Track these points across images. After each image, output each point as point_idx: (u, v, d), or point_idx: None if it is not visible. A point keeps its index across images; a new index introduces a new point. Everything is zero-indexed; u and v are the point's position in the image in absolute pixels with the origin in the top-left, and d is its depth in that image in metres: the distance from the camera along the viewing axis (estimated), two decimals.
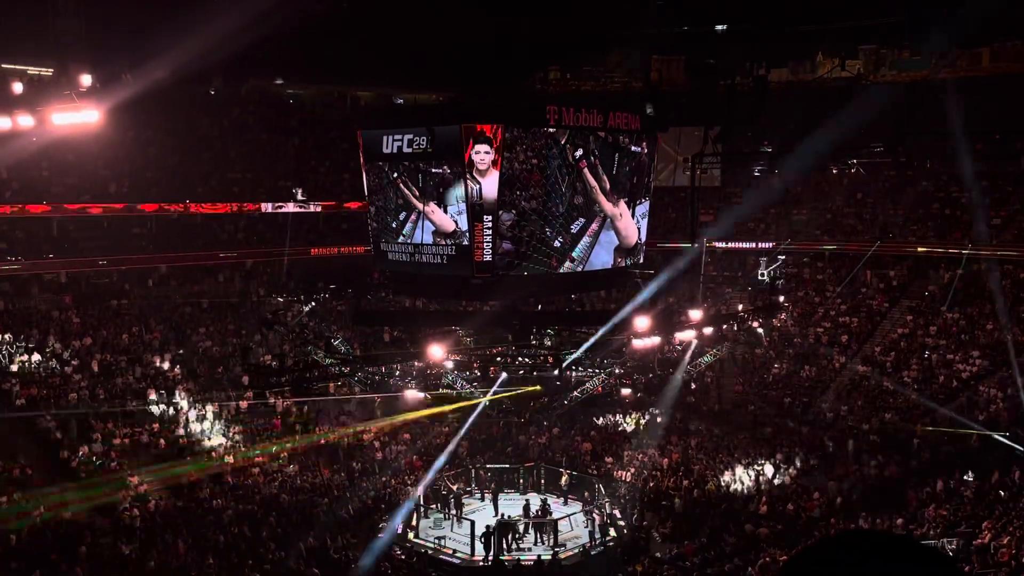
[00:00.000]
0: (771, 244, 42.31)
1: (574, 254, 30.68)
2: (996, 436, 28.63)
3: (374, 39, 41.74)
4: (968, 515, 24.79)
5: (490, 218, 27.51)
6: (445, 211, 28.98)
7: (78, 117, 23.26)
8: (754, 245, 42.88)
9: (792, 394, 36.19)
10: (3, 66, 37.48)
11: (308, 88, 48.06)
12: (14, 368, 31.04)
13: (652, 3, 32.90)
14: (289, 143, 44.22)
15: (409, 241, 31.11)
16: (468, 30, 39.93)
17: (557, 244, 29.88)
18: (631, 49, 39.62)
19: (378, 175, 31.36)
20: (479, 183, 27.35)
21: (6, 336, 31.91)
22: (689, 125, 39.94)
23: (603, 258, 31.92)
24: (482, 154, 27.29)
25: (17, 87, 26.38)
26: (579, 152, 29.51)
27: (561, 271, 31.05)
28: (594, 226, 30.98)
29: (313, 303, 36.36)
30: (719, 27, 39.06)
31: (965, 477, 27.06)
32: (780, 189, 44.40)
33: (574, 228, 30.42)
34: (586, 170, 29.90)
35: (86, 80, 23.70)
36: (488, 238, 27.77)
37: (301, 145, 44.95)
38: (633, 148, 31.18)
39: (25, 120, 24.21)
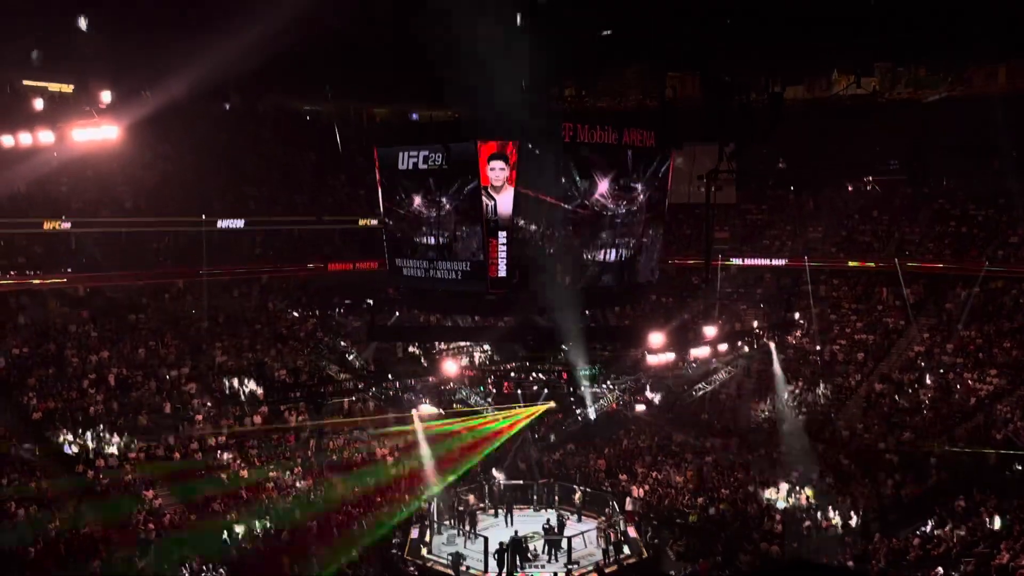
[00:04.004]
0: (785, 260, 42.33)
1: (587, 272, 30.93)
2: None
3: (390, 55, 42.01)
4: (987, 535, 24.58)
5: (505, 234, 27.61)
6: (461, 228, 29.35)
7: (98, 133, 23.56)
8: (769, 262, 42.97)
9: (808, 412, 35.90)
10: (24, 83, 37.89)
11: (324, 104, 48.11)
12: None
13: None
14: (306, 158, 44.46)
15: (424, 257, 31.38)
16: (485, 47, 40.22)
17: (564, 264, 30.14)
18: (647, 66, 39.80)
19: (393, 191, 31.67)
20: (494, 199, 27.46)
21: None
22: (704, 142, 40.13)
23: (618, 275, 32.09)
24: (497, 170, 27.41)
25: (38, 104, 26.78)
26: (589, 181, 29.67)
27: (575, 287, 31.27)
28: (606, 248, 31.16)
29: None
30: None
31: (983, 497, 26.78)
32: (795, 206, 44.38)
33: (586, 254, 30.62)
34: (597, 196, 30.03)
35: (106, 97, 24.00)
36: (503, 254, 27.84)
37: (317, 160, 45.27)
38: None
39: (46, 136, 24.57)
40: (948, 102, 41.71)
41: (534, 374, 34.91)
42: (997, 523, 25.08)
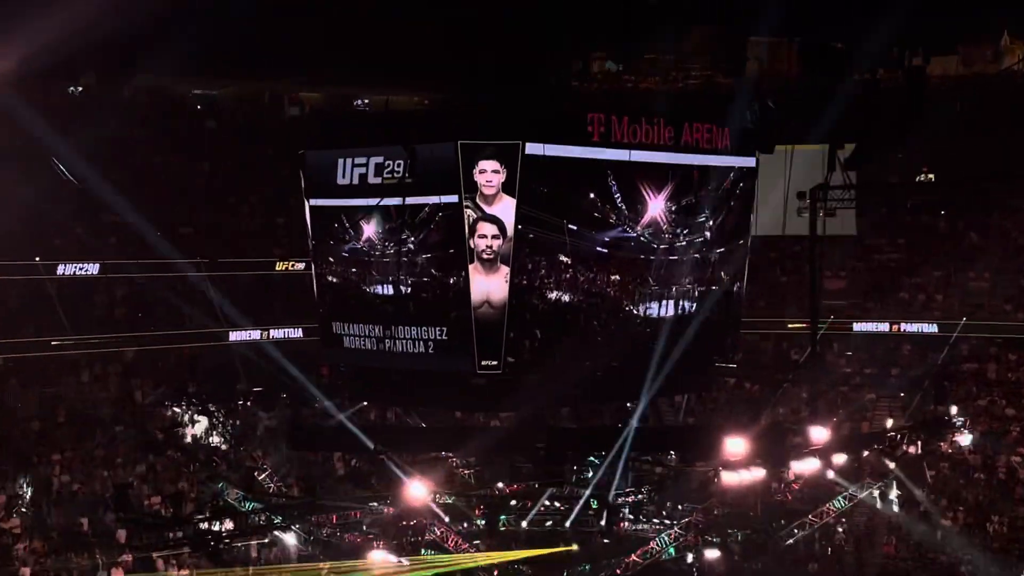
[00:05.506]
0: (935, 324, 42.52)
1: (630, 335, 31.29)
2: None
3: (325, 20, 42.70)
4: None
5: (503, 274, 27.83)
6: (432, 272, 29.78)
7: None
8: (911, 327, 43.18)
9: (972, 560, 35.67)
10: None
11: (225, 87, 49.43)
12: None
13: None
14: (196, 169, 45.21)
15: (376, 319, 31.58)
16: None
17: (595, 324, 30.56)
18: (718, 28, 40.45)
19: (330, 218, 32.18)
20: (483, 212, 27.79)
21: None
22: (805, 142, 40.75)
23: (676, 342, 32.32)
24: (488, 173, 27.79)
25: None
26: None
27: (612, 362, 31.37)
28: (659, 299, 31.41)
29: None
30: None
31: None
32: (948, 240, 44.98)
33: (629, 308, 30.82)
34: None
35: None
36: (497, 304, 28.11)
37: (213, 172, 45.83)
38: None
39: None
40: None
41: (547, 502, 35.17)
42: None
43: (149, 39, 37.68)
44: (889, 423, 39.41)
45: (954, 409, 39.75)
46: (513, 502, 35.36)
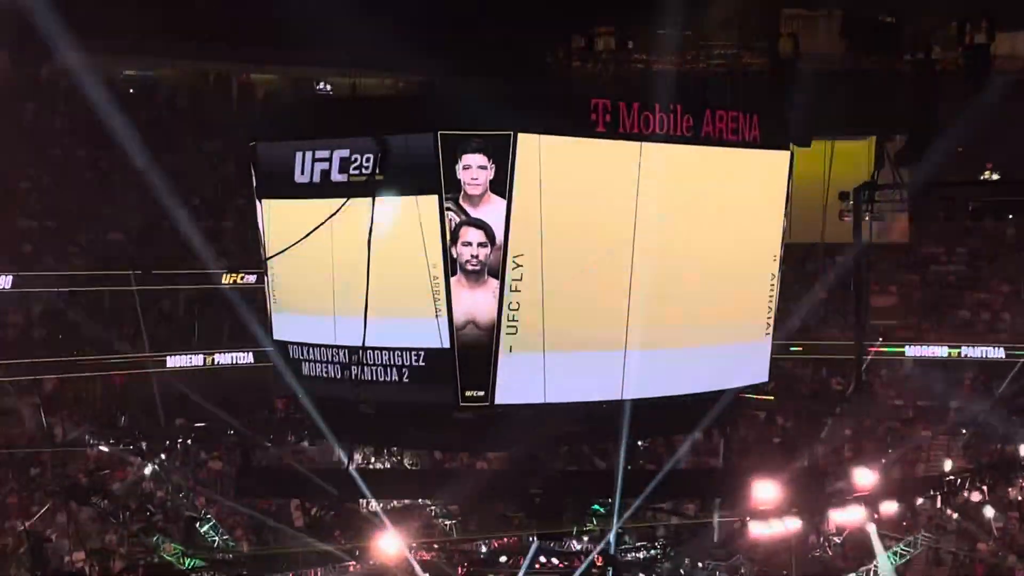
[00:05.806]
0: (1002, 348, 41.39)
1: (628, 368, 28.96)
2: None
3: None
4: None
5: (493, 289, 24.20)
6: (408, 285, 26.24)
7: None
8: (973, 351, 41.80)
9: None
10: None
11: (163, 67, 48.87)
12: None
13: None
14: (128, 164, 42.56)
15: (344, 343, 29.23)
16: None
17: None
18: None
19: (286, 221, 29.53)
20: (466, 215, 24.12)
21: None
22: (849, 135, 39.30)
23: (690, 374, 29.97)
24: (474, 169, 24.41)
25: None
26: None
27: (621, 397, 28.99)
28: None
29: None
30: None
31: None
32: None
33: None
34: None
35: None
36: (485, 324, 24.59)
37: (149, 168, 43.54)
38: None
39: None
40: None
41: (543, 557, 33.64)
42: None
43: (72, 11, 35.90)
44: (948, 465, 38.24)
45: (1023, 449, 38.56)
46: (503, 558, 34.69)
